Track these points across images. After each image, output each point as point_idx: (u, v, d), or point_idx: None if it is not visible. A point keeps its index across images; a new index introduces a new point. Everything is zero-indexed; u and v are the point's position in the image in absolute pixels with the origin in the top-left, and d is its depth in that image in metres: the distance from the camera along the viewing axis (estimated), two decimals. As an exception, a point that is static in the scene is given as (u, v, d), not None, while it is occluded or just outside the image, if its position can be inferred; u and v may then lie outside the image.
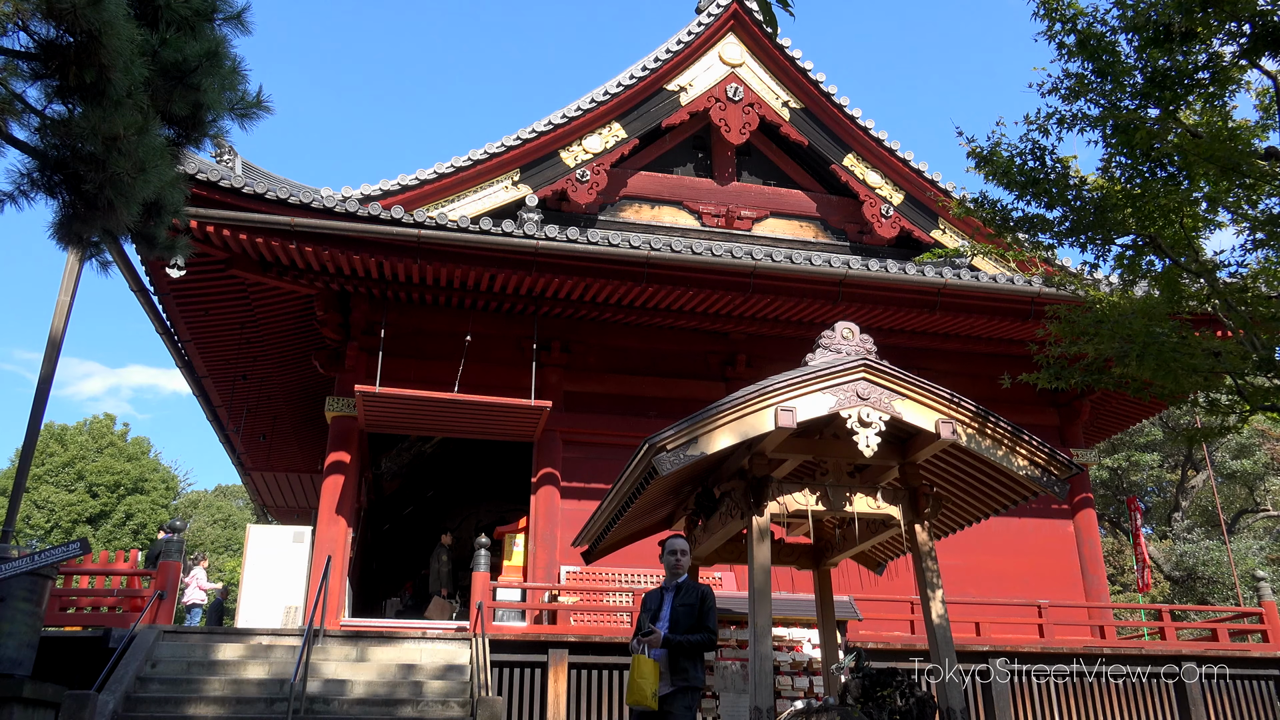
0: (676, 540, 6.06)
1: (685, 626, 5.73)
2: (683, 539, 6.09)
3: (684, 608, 5.81)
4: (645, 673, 5.49)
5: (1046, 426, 14.33)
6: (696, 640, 5.71)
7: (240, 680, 8.80)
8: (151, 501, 37.10)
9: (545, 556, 12.14)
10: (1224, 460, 26.10)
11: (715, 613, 5.88)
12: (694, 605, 5.83)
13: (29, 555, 6.58)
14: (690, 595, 5.85)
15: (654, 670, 5.52)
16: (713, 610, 5.86)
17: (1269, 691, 11.83)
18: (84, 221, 5.17)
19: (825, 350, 6.06)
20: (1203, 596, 23.94)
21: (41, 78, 4.84)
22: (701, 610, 5.82)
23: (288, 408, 16.72)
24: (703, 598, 5.84)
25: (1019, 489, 6.41)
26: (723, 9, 14.93)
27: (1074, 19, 6.10)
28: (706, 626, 5.78)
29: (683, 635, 5.68)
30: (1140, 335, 6.26)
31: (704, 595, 5.86)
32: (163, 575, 10.12)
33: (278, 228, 10.65)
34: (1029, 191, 6.60)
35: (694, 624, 5.76)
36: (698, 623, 5.77)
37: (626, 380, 13.31)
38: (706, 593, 5.89)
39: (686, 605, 5.82)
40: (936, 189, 14.83)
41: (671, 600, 5.90)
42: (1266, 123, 6.17)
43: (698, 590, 5.88)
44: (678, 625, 5.74)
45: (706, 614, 5.82)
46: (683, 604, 5.83)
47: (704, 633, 5.76)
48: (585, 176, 13.97)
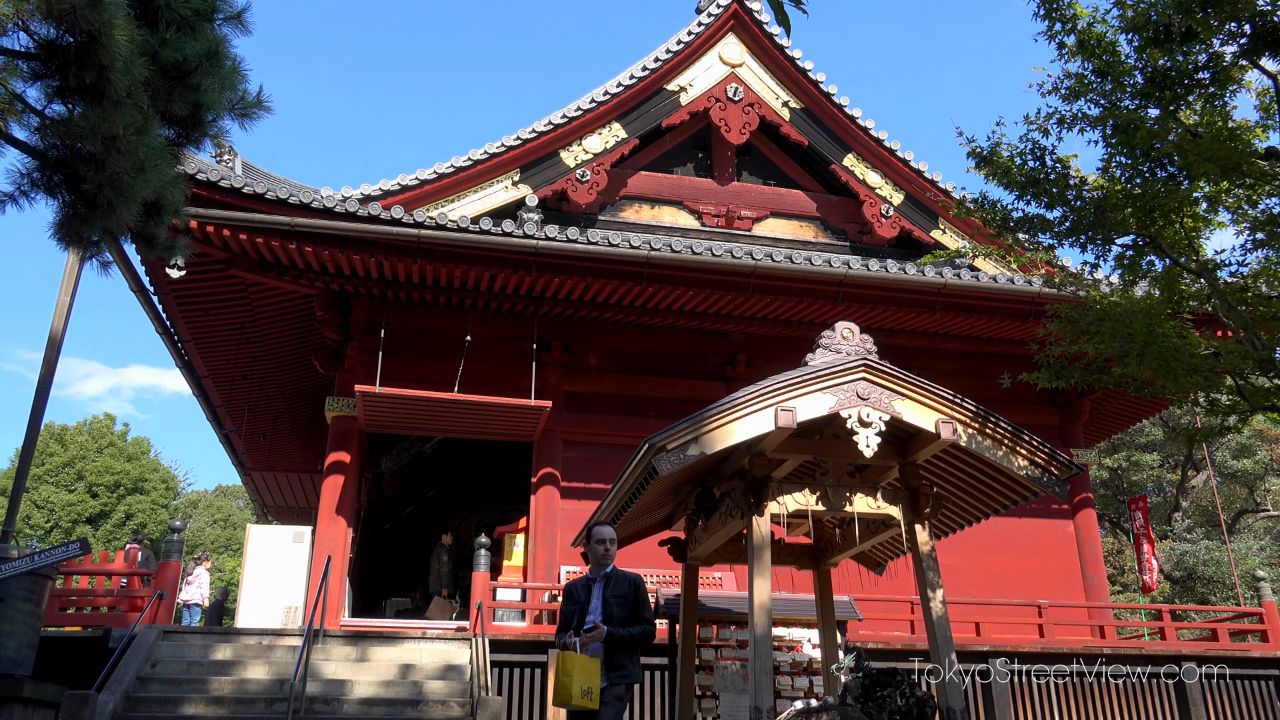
0: (604, 529, 5.80)
1: (619, 619, 5.46)
2: (609, 527, 5.85)
3: (616, 599, 5.53)
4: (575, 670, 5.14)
5: (1046, 426, 14.33)
6: (638, 633, 5.46)
7: (240, 680, 8.79)
8: (151, 501, 37.09)
9: (545, 556, 12.13)
10: (1224, 460, 26.10)
11: (649, 602, 5.64)
12: (627, 596, 5.56)
13: (29, 555, 6.58)
14: (622, 586, 5.58)
15: (593, 668, 5.25)
16: (647, 601, 5.63)
17: (1269, 691, 11.83)
18: (84, 221, 5.17)
19: (825, 350, 6.06)
20: (1203, 596, 23.93)
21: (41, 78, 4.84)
22: (636, 600, 5.55)
23: (288, 408, 16.72)
24: (635, 587, 5.59)
25: (1019, 489, 6.41)
26: (723, 9, 14.92)
27: (1074, 19, 6.10)
28: (643, 618, 5.52)
29: (623, 629, 5.42)
30: (1140, 335, 6.25)
31: (636, 585, 5.61)
32: (163, 575, 10.12)
33: (278, 228, 10.65)
34: (1029, 192, 6.60)
35: (629, 615, 5.49)
36: (632, 614, 5.51)
37: (626, 380, 13.31)
38: (638, 582, 5.64)
39: (619, 596, 5.54)
40: (937, 189, 14.83)
41: (601, 591, 5.60)
42: (1266, 123, 6.17)
43: (629, 580, 5.61)
44: (611, 618, 5.46)
45: (642, 604, 5.55)
46: (614, 595, 5.55)
47: (643, 625, 5.51)
48: (585, 176, 13.96)
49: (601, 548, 5.72)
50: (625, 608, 5.51)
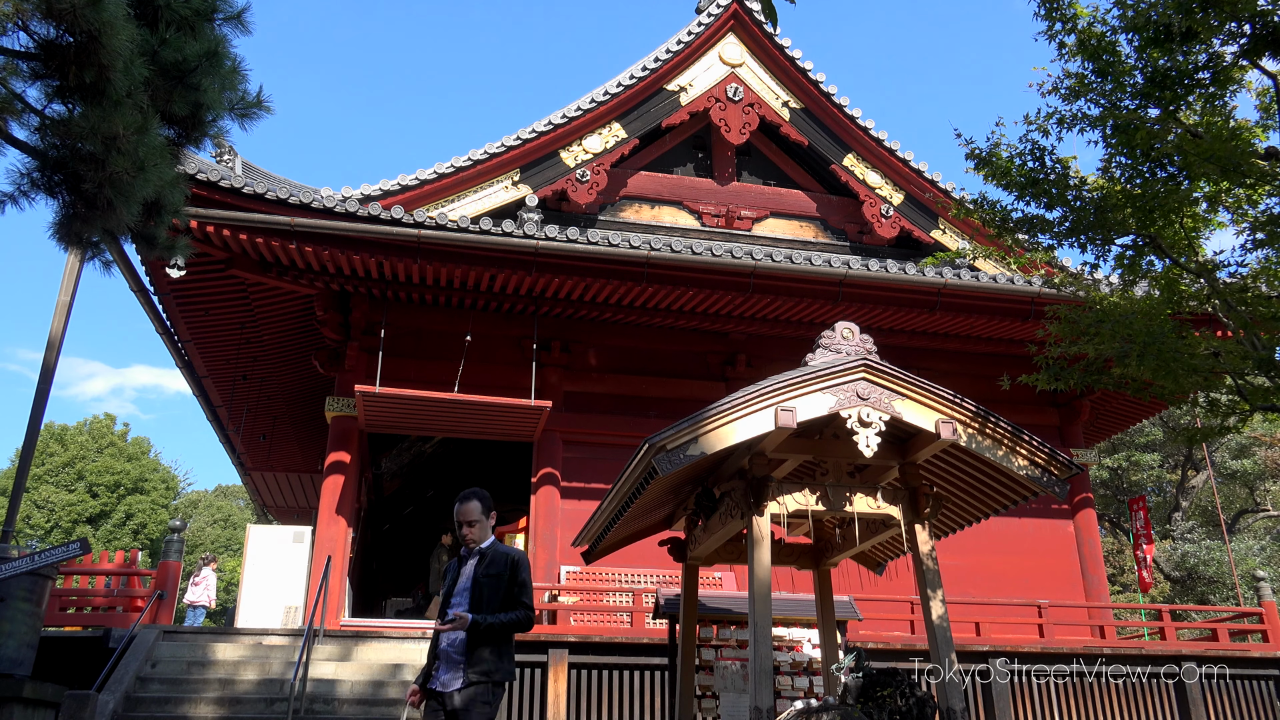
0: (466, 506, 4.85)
1: (490, 603, 4.67)
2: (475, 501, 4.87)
3: (489, 579, 4.73)
4: None
5: (1046, 426, 14.33)
6: (506, 620, 4.64)
7: (240, 680, 8.80)
8: (151, 501, 37.10)
9: (545, 556, 12.14)
10: (1224, 460, 26.11)
11: (531, 585, 4.81)
12: (502, 575, 4.73)
13: (29, 555, 6.58)
14: (498, 564, 4.77)
15: None
16: (528, 583, 4.77)
17: (1269, 691, 11.83)
18: (84, 221, 5.17)
19: (825, 350, 6.06)
20: (1203, 596, 23.94)
21: (41, 78, 4.84)
22: (513, 582, 4.73)
23: (288, 408, 16.72)
24: (514, 566, 4.77)
25: (1019, 489, 6.41)
26: (723, 9, 14.92)
27: (1074, 19, 6.10)
28: (520, 602, 4.70)
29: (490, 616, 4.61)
30: (1140, 335, 6.25)
31: (515, 563, 4.78)
32: (162, 575, 10.12)
33: (278, 228, 10.65)
34: (1029, 192, 6.59)
35: (504, 599, 4.69)
36: (508, 597, 4.70)
37: (626, 380, 13.31)
38: (519, 560, 4.81)
39: (492, 576, 4.73)
40: (936, 189, 14.84)
41: (474, 570, 4.80)
42: (1266, 123, 6.17)
43: (507, 557, 4.81)
44: (480, 601, 4.68)
45: (520, 586, 4.73)
46: (487, 574, 4.75)
47: (518, 610, 4.69)
48: (585, 176, 13.97)
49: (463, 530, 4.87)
50: (499, 590, 4.69)
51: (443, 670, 4.63)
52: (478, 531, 4.85)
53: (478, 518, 4.84)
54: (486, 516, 4.89)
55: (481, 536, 4.86)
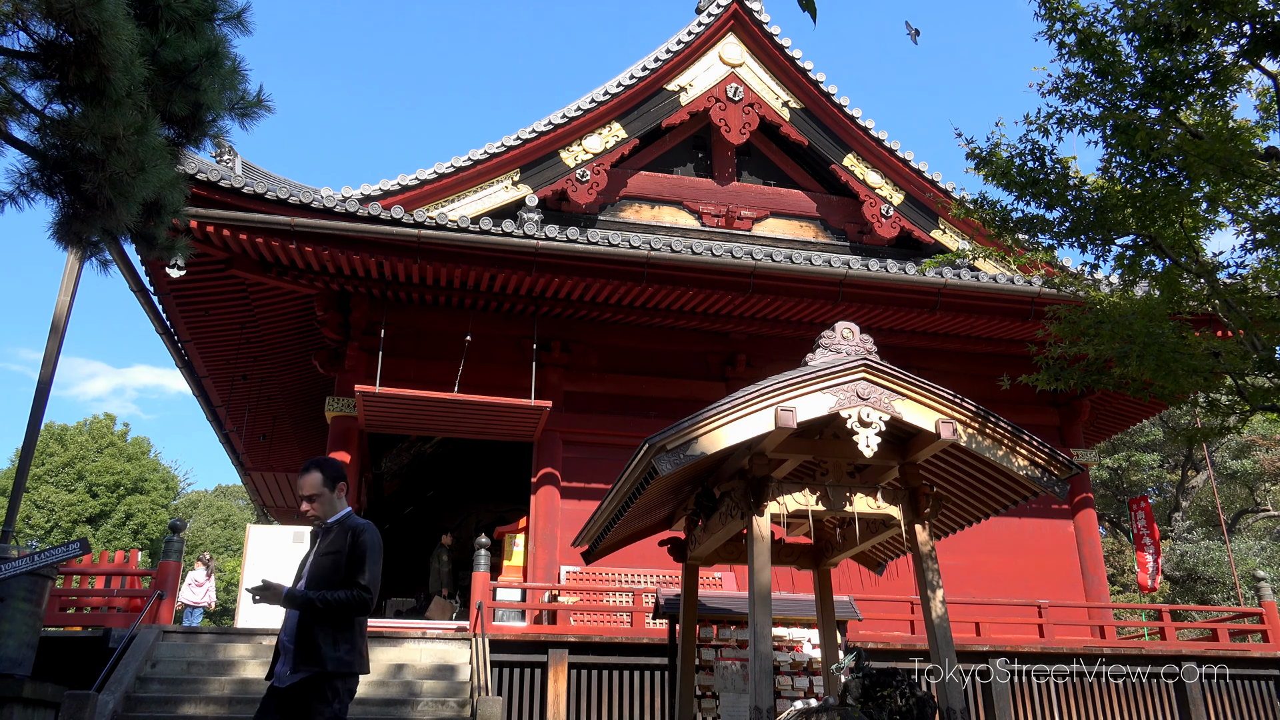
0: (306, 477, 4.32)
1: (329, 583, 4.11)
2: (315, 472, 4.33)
3: (327, 556, 4.18)
4: None
5: (1046, 426, 14.33)
6: (334, 600, 4.03)
7: (240, 680, 8.80)
8: (151, 501, 37.10)
9: (545, 556, 12.14)
10: (1224, 460, 26.11)
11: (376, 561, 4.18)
12: (340, 551, 4.15)
13: (29, 555, 6.58)
14: (339, 539, 4.18)
15: None
16: (368, 558, 4.14)
17: (1269, 691, 11.83)
18: (84, 221, 5.17)
19: (825, 350, 6.06)
20: (1203, 596, 23.94)
21: (41, 78, 4.84)
22: (351, 557, 4.13)
23: (288, 408, 16.72)
24: (355, 538, 4.16)
25: (1019, 489, 6.41)
26: (723, 9, 14.92)
27: (1074, 19, 6.10)
28: (355, 581, 4.09)
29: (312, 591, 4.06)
30: (1140, 335, 6.25)
31: (357, 535, 4.18)
32: (162, 575, 10.12)
33: (278, 228, 10.65)
34: (1029, 192, 6.59)
35: (342, 577, 4.10)
36: (345, 576, 4.10)
37: (626, 380, 13.31)
38: (363, 531, 4.20)
39: (331, 553, 4.17)
40: (936, 189, 14.84)
41: (316, 548, 4.27)
42: (1266, 123, 6.17)
43: (349, 530, 4.21)
44: (314, 582, 4.14)
45: (358, 563, 4.12)
46: (326, 551, 4.19)
47: (350, 589, 4.08)
48: (585, 176, 13.97)
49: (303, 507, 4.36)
50: (338, 567, 4.13)
51: (280, 662, 4.16)
52: (320, 507, 4.29)
53: (318, 491, 4.28)
54: (332, 489, 4.31)
55: (326, 512, 4.30)
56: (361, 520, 4.27)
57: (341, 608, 4.04)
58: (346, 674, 4.08)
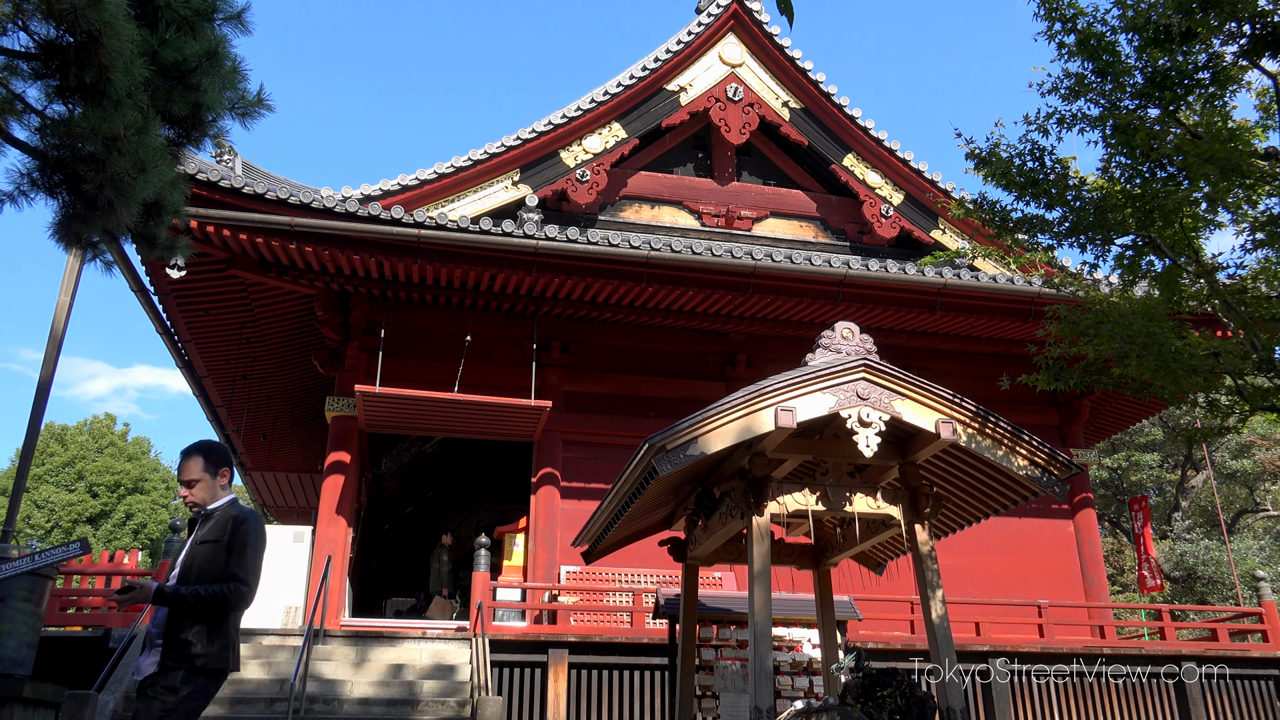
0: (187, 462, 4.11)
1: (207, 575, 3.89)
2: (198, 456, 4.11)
3: (205, 545, 3.95)
4: None
5: (1046, 426, 14.33)
6: (208, 595, 3.80)
7: (240, 680, 8.79)
8: (151, 501, 37.12)
9: (545, 556, 12.14)
10: (1224, 460, 26.11)
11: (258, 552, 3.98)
12: (219, 541, 3.93)
13: (29, 555, 6.57)
14: (217, 528, 3.97)
15: None
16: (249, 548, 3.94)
17: (1269, 691, 11.83)
18: (84, 221, 5.17)
19: (825, 350, 6.06)
20: (1203, 596, 23.94)
21: (41, 78, 4.84)
22: (231, 547, 3.92)
23: (288, 408, 16.73)
24: (235, 527, 3.96)
25: (1019, 489, 6.41)
26: (723, 9, 14.93)
27: (1074, 19, 6.10)
28: (232, 574, 3.87)
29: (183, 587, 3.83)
30: (1140, 335, 6.25)
31: (238, 524, 3.97)
32: (162, 575, 10.12)
33: (278, 228, 10.66)
34: (1028, 192, 6.60)
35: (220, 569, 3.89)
36: (223, 567, 3.89)
37: (626, 380, 13.31)
38: (245, 520, 3.99)
39: (209, 543, 3.95)
40: (936, 189, 14.84)
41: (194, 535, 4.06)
42: (1266, 123, 6.17)
43: (228, 519, 4.00)
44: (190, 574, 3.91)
45: (237, 553, 3.91)
46: (204, 540, 3.97)
47: (226, 583, 3.85)
48: (585, 176, 13.97)
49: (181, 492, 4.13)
50: (216, 558, 3.91)
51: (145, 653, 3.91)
52: (200, 492, 4.07)
53: (198, 475, 4.07)
54: (214, 474, 4.10)
55: (207, 498, 4.08)
56: (245, 509, 4.08)
57: (216, 602, 3.81)
58: (216, 670, 3.85)
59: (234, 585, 3.85)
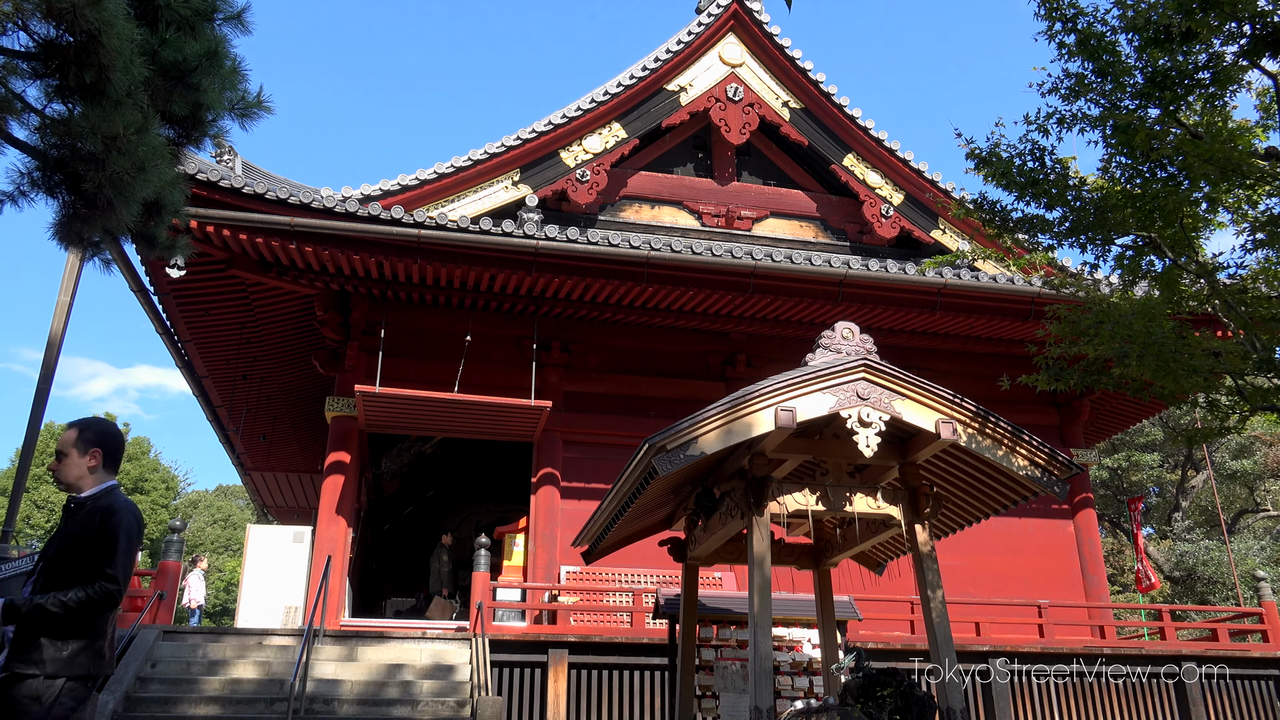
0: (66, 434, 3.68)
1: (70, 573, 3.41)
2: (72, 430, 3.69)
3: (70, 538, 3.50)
4: None
5: (1046, 426, 14.33)
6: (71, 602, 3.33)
7: (240, 680, 8.80)
8: (151, 501, 37.11)
9: (545, 556, 12.14)
10: (1224, 460, 26.11)
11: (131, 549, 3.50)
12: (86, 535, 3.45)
13: (29, 555, 6.57)
14: (86, 520, 3.49)
15: None
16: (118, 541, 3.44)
17: (1269, 691, 11.83)
18: (84, 221, 5.16)
19: (825, 350, 6.06)
20: (1203, 596, 23.94)
21: (41, 77, 4.84)
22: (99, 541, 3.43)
23: (288, 408, 16.72)
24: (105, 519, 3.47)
25: (1019, 489, 6.41)
26: (723, 9, 14.93)
27: (1074, 19, 6.09)
28: (102, 570, 3.38)
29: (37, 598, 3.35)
30: (1140, 335, 6.25)
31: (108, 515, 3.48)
32: (162, 575, 10.12)
33: (278, 228, 10.65)
34: (1029, 192, 6.59)
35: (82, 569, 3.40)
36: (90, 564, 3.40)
37: (626, 380, 13.31)
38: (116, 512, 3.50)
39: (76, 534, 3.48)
40: (936, 189, 14.84)
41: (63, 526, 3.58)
42: (1266, 123, 6.17)
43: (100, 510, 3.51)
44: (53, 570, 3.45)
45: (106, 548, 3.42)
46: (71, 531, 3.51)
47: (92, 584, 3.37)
48: (585, 176, 13.97)
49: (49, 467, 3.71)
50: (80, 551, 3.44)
51: None
52: (66, 469, 3.60)
53: (66, 450, 3.60)
54: (84, 452, 3.62)
55: (72, 477, 3.60)
56: (120, 499, 3.58)
57: (82, 608, 3.34)
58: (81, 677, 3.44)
59: (100, 586, 3.38)
